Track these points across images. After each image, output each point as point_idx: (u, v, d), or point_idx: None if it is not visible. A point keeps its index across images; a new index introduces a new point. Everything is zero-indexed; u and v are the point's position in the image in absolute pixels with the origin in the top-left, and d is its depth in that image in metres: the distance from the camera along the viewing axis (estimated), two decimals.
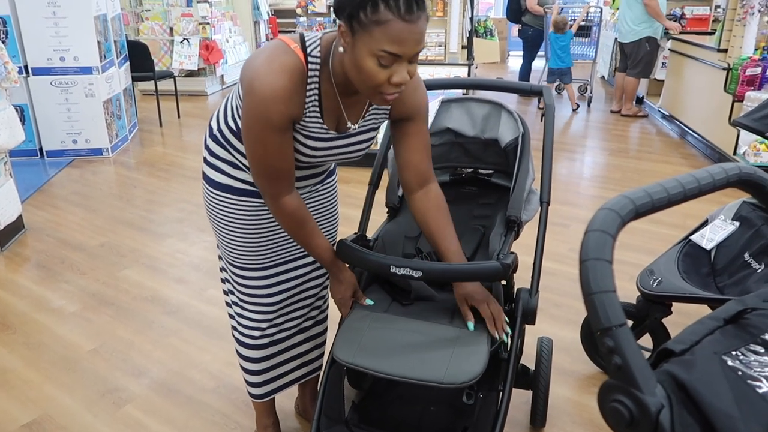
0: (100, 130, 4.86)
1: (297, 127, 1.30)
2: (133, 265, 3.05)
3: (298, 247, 1.56)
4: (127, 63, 5.58)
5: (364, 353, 1.31)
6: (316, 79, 1.26)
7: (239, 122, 1.36)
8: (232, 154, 1.44)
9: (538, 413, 1.84)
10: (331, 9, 1.22)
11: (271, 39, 1.38)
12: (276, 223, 1.49)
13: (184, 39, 7.22)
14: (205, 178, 1.52)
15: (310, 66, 1.24)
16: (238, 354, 1.69)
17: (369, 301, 1.47)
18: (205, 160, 1.51)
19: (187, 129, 5.96)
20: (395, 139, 1.45)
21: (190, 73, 7.43)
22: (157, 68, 6.27)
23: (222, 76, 7.83)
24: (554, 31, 6.19)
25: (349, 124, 1.36)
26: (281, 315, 1.62)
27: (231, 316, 1.71)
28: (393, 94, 1.21)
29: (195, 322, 2.54)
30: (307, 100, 1.27)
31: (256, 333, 1.61)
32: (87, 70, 4.69)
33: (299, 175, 1.46)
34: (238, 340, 1.67)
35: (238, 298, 1.61)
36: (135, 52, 5.67)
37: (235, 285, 1.60)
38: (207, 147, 1.50)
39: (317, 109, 1.29)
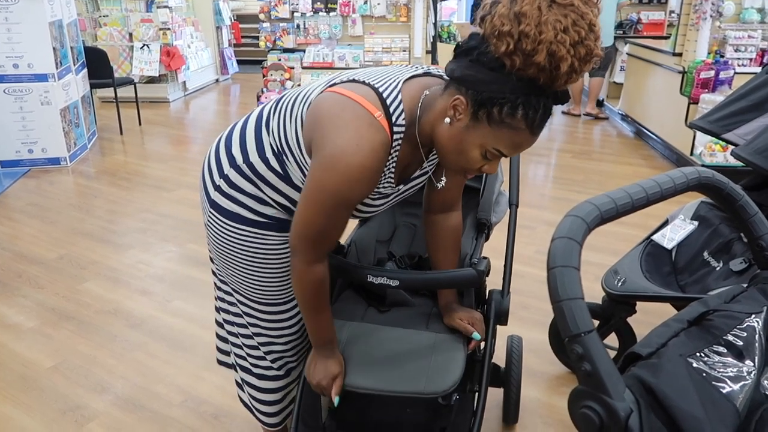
0: (57, 139, 4.72)
1: None
2: (94, 278, 2.97)
3: None
4: (85, 70, 5.44)
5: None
6: (398, 147, 1.18)
7: (288, 167, 1.27)
8: (262, 190, 1.31)
9: (511, 409, 1.86)
10: (447, 69, 1.18)
11: (335, 92, 1.17)
12: None
13: (144, 45, 7.09)
14: (218, 208, 1.34)
15: (394, 137, 1.16)
16: (254, 387, 1.58)
17: (336, 400, 1.32)
18: (220, 189, 1.33)
19: (149, 136, 5.84)
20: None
21: (151, 80, 7.29)
22: (116, 75, 6.14)
23: (184, 82, 7.70)
24: None
25: (418, 172, 1.29)
26: (301, 341, 1.55)
27: (232, 366, 1.61)
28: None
29: (160, 335, 2.48)
30: (385, 169, 1.20)
31: (278, 363, 1.53)
32: (42, 78, 4.56)
33: None
34: (256, 375, 1.56)
35: (255, 333, 1.51)
36: (93, 58, 5.54)
37: (256, 321, 1.48)
38: (224, 176, 1.33)
39: (393, 173, 1.23)
